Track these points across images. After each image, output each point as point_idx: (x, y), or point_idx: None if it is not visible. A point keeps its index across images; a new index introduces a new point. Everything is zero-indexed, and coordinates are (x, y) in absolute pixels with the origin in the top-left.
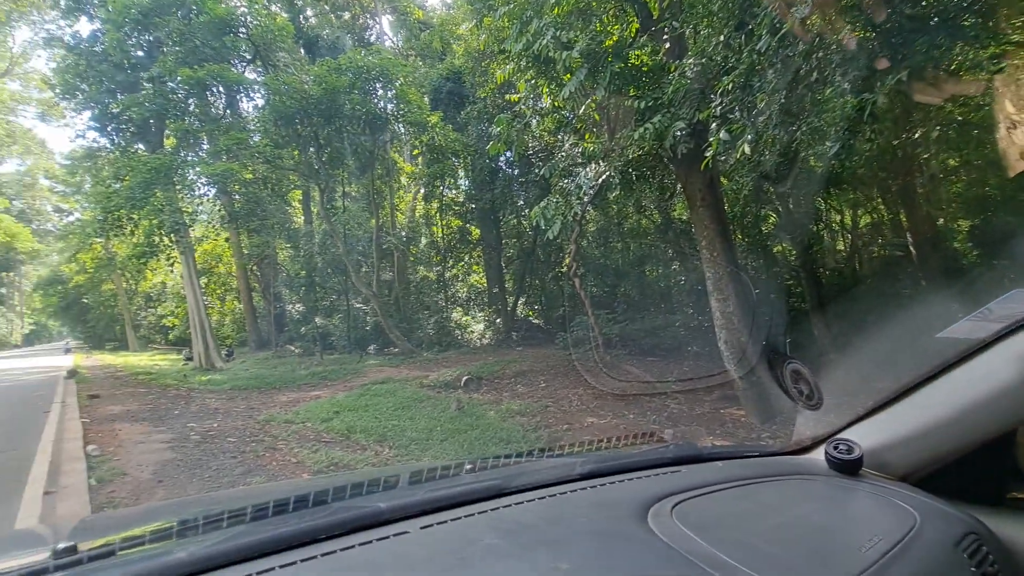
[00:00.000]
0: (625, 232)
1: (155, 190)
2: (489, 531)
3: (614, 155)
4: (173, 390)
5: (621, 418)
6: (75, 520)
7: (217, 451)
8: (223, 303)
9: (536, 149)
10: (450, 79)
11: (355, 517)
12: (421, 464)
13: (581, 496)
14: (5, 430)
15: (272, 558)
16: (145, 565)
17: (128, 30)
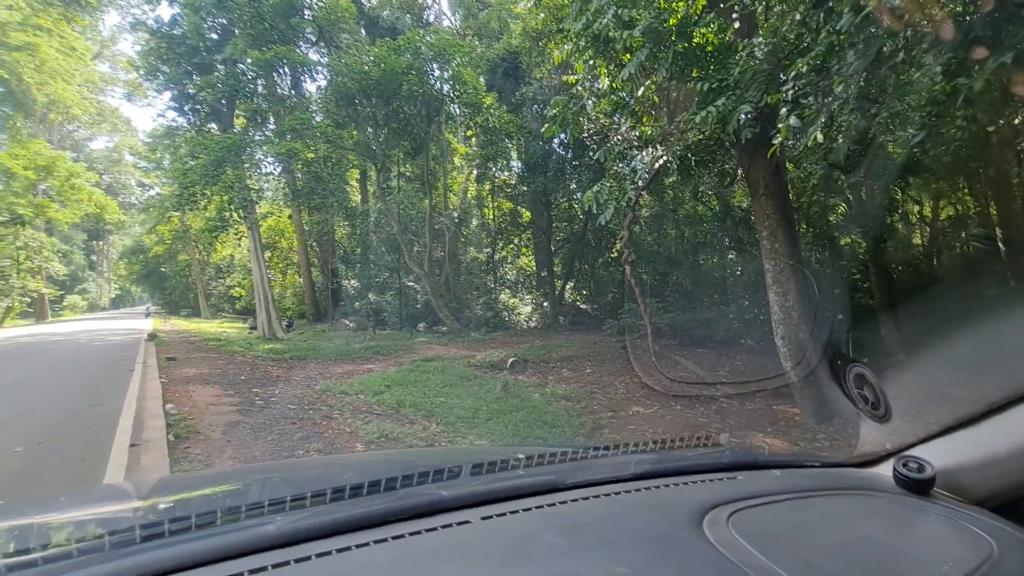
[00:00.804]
0: (680, 219)
1: (226, 168)
2: (547, 527)
3: (673, 139)
4: (239, 356)
5: (668, 409)
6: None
7: (279, 416)
8: (285, 276)
9: (591, 132)
10: (506, 59)
11: (421, 504)
12: (481, 454)
13: (636, 497)
14: (99, 386)
15: (348, 536)
16: (241, 535)
17: (204, 14)
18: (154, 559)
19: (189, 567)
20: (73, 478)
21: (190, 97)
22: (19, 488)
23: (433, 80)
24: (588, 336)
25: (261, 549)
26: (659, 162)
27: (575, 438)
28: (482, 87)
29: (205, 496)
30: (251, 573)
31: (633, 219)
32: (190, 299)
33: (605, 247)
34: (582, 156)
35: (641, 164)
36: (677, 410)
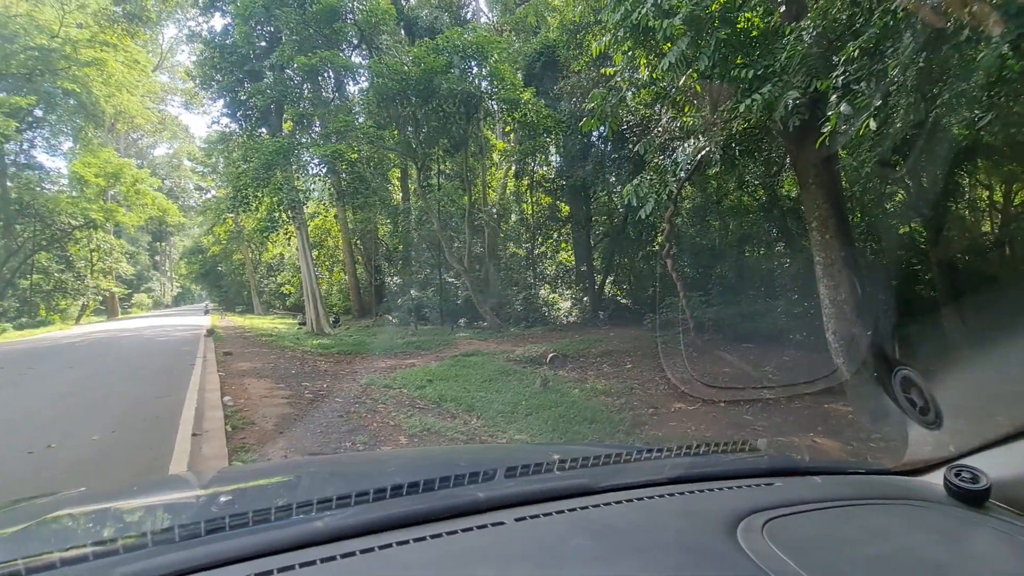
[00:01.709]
0: (724, 211)
1: (275, 170)
2: (579, 531)
3: (716, 129)
4: (289, 351)
5: (711, 406)
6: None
7: (327, 409)
8: (331, 274)
9: (631, 124)
10: (543, 53)
11: (457, 504)
12: (517, 455)
13: (669, 502)
14: (165, 379)
15: (390, 534)
16: (292, 530)
17: (253, 23)
18: (217, 551)
19: (248, 558)
20: (142, 464)
21: (242, 103)
22: (96, 472)
23: (471, 77)
24: (628, 331)
25: (310, 544)
26: (702, 153)
27: (614, 435)
28: (520, 82)
29: (260, 490)
30: (301, 567)
31: (674, 212)
32: (244, 296)
33: (645, 240)
34: (621, 149)
35: (683, 155)
36: (720, 407)
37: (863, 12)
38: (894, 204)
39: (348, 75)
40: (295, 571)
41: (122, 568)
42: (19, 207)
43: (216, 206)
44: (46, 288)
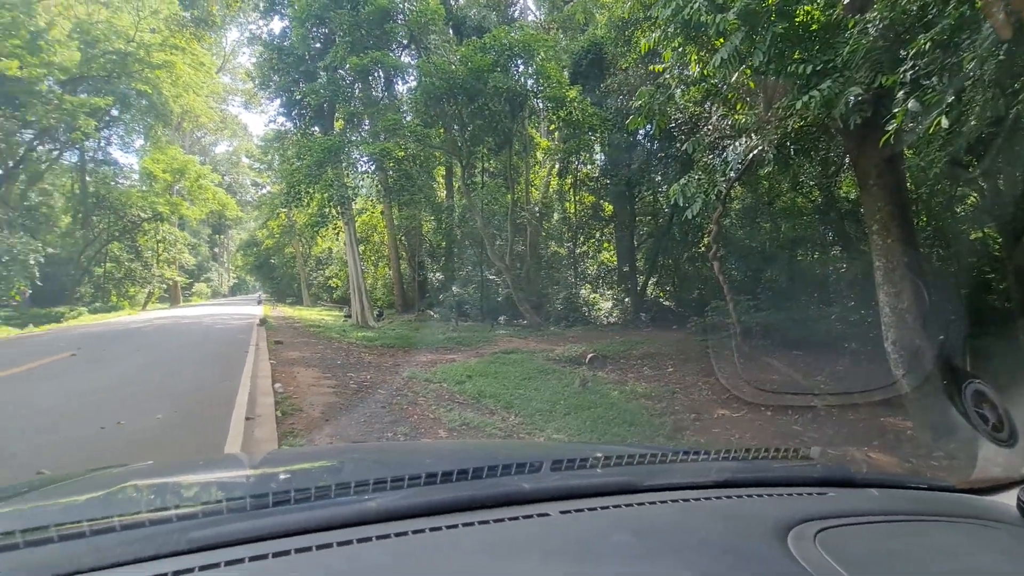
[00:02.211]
0: (776, 212)
1: (326, 167)
2: (621, 528)
3: (770, 127)
4: (336, 342)
5: (757, 413)
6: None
7: (370, 400)
8: (376, 268)
9: (679, 122)
10: (590, 51)
11: (504, 493)
12: (560, 451)
13: (714, 505)
14: (222, 364)
15: (440, 517)
16: (351, 508)
17: (309, 25)
18: (282, 522)
19: (310, 531)
20: (200, 444)
21: (296, 103)
22: (159, 448)
23: (517, 76)
24: (671, 334)
25: (365, 522)
26: (754, 152)
27: (655, 438)
28: (566, 80)
29: (316, 470)
30: (358, 542)
31: (723, 212)
32: (294, 288)
33: (691, 242)
34: (668, 148)
35: (734, 154)
36: (767, 416)
37: (936, 2)
38: (965, 207)
39: (397, 75)
40: (352, 545)
41: (200, 531)
42: (96, 200)
43: (271, 201)
44: (117, 276)
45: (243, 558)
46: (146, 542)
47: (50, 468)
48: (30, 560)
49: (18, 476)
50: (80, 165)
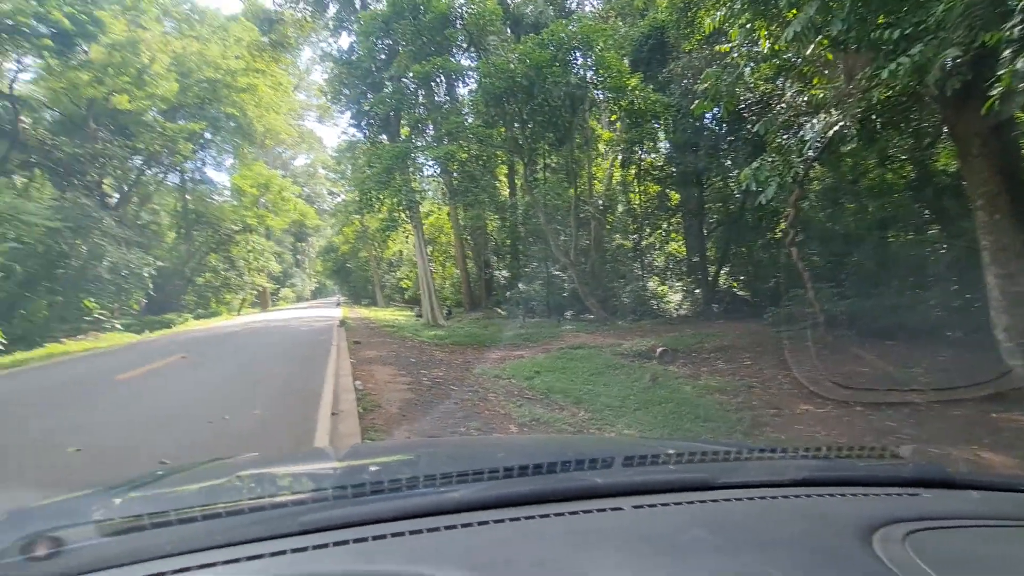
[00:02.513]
0: (861, 191)
1: (395, 173)
2: (698, 523)
3: (851, 100)
4: (409, 341)
5: (845, 409)
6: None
7: (443, 396)
8: (444, 268)
9: (748, 103)
10: (651, 36)
11: (577, 488)
12: (631, 447)
13: (794, 504)
14: (308, 363)
15: (517, 509)
16: (436, 498)
17: (374, 38)
18: (379, 508)
19: (403, 518)
20: (293, 437)
21: (365, 113)
22: (260, 440)
23: (576, 69)
24: (745, 325)
25: (448, 511)
26: (834, 128)
27: (731, 435)
28: (626, 69)
29: (401, 463)
30: (445, 529)
31: (800, 195)
32: (368, 290)
33: (766, 228)
34: (738, 130)
35: (811, 132)
36: (857, 411)
37: None
38: None
39: (458, 78)
40: (440, 532)
41: (310, 516)
42: (195, 216)
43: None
44: (215, 284)
45: (347, 540)
46: (267, 524)
47: (169, 458)
48: (177, 535)
49: (144, 464)
50: (181, 185)
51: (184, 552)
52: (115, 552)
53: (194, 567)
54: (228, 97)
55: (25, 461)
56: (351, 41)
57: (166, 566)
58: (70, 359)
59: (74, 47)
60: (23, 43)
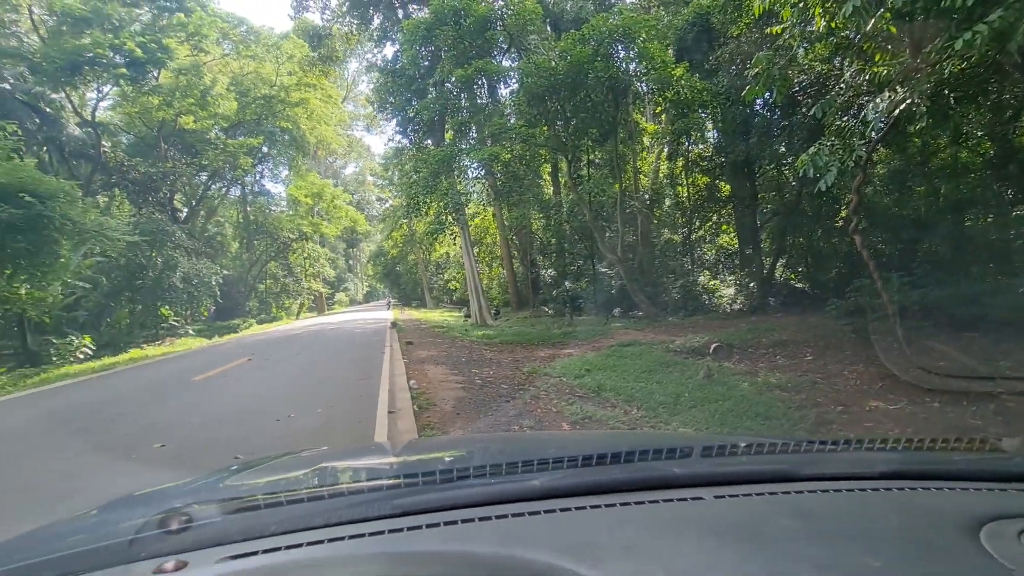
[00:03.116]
0: (932, 172)
1: (441, 177)
2: (784, 513)
3: (920, 75)
4: (459, 341)
5: (920, 406)
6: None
7: (495, 394)
8: (490, 269)
9: (803, 85)
10: (696, 23)
11: (656, 477)
12: (706, 440)
13: (886, 496)
14: (364, 364)
15: (598, 497)
16: (519, 485)
17: (417, 46)
18: (466, 494)
19: (486, 503)
20: (355, 433)
21: (410, 120)
22: (323, 438)
23: (618, 62)
24: (805, 318)
25: (532, 498)
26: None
27: (794, 432)
28: (670, 59)
29: (475, 453)
30: (530, 515)
31: (864, 179)
32: (417, 292)
33: (825, 216)
34: (792, 115)
35: (874, 112)
36: (934, 407)
37: None
38: None
39: (500, 79)
40: (524, 518)
41: (402, 499)
42: (256, 226)
43: (393, 214)
44: (275, 290)
45: (439, 523)
46: (365, 506)
47: (243, 453)
48: (287, 515)
49: (220, 458)
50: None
51: (294, 530)
52: (236, 528)
53: (304, 544)
54: (282, 112)
55: (118, 455)
56: (395, 50)
57: (280, 542)
58: (150, 363)
59: (146, 74)
60: (102, 73)
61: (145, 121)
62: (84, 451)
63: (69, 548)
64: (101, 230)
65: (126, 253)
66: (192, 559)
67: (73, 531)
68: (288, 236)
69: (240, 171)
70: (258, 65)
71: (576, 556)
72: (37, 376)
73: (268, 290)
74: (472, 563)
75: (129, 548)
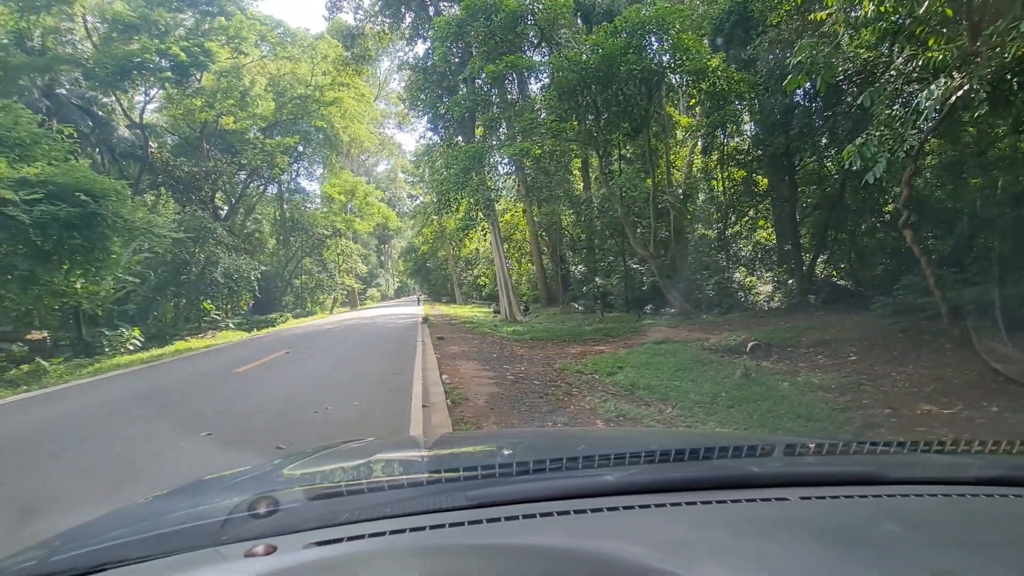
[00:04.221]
0: (990, 163)
1: (471, 174)
2: (886, 518)
3: (979, 60)
4: (489, 337)
5: (978, 410)
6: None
7: (527, 390)
8: (520, 265)
9: (848, 74)
10: (733, 11)
11: (734, 476)
12: (794, 439)
13: (995, 503)
14: (397, 358)
15: (675, 495)
16: (592, 480)
17: (448, 43)
18: (536, 487)
19: (559, 498)
20: (391, 426)
21: (441, 117)
22: (362, 430)
23: (651, 54)
24: (849, 317)
25: (606, 493)
26: (957, 94)
27: (838, 436)
28: (706, 50)
29: (529, 448)
30: (608, 510)
31: (915, 171)
32: (447, 288)
33: (871, 210)
34: (835, 105)
35: (927, 101)
36: (993, 412)
37: None
38: None
39: (530, 74)
40: (602, 513)
41: (477, 491)
42: (292, 223)
43: (424, 211)
44: (310, 286)
45: (517, 516)
46: (442, 496)
47: (284, 443)
48: (368, 503)
49: (264, 448)
50: (279, 195)
51: (374, 519)
52: (318, 514)
53: (387, 532)
54: (317, 111)
55: (167, 442)
56: (426, 48)
57: (362, 530)
58: (194, 355)
59: (189, 77)
60: (149, 77)
61: (188, 122)
62: (139, 439)
63: (158, 528)
64: (149, 227)
65: (172, 249)
66: (280, 543)
67: (153, 512)
68: (322, 232)
69: (277, 170)
70: (294, 66)
71: (668, 555)
72: (92, 366)
73: (303, 285)
74: (556, 557)
75: (221, 530)
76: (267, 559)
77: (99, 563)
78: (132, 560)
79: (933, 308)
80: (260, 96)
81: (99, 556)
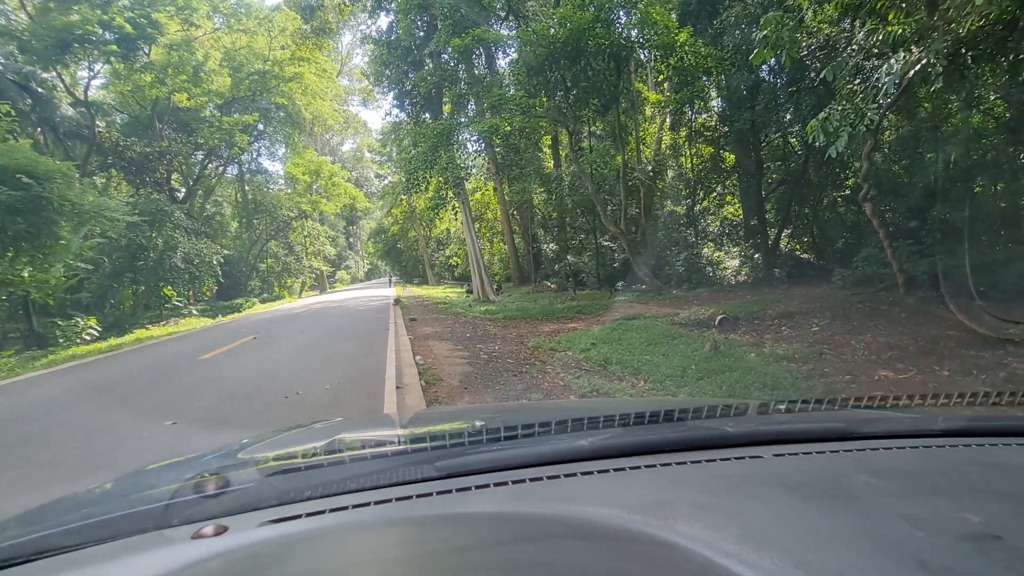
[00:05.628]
0: (944, 137)
1: (440, 151)
2: (858, 470)
3: (936, 35)
4: (462, 317)
5: (929, 374)
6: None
7: (501, 369)
8: (492, 244)
9: (812, 48)
10: None
11: (709, 436)
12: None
13: (960, 453)
14: (368, 341)
15: (652, 456)
16: (567, 445)
17: (412, 16)
18: (514, 454)
19: (534, 465)
20: (364, 408)
21: (407, 93)
22: (334, 413)
23: (620, 28)
24: (812, 289)
25: (581, 458)
26: (916, 67)
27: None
28: (674, 24)
29: (513, 417)
30: (582, 475)
31: (874, 146)
32: (419, 269)
33: (832, 185)
34: (800, 80)
35: (887, 75)
36: (943, 376)
37: None
38: None
39: (498, 49)
40: (577, 478)
41: (446, 461)
42: (255, 205)
43: (392, 190)
44: (276, 269)
45: (488, 484)
46: (411, 468)
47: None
48: (328, 477)
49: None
50: (240, 176)
51: (336, 493)
52: (275, 492)
53: (349, 507)
54: (277, 88)
55: (128, 433)
56: (390, 21)
57: (323, 505)
58: (156, 343)
59: (137, 50)
60: (92, 51)
61: (138, 100)
62: (98, 430)
63: (101, 514)
64: (100, 211)
65: (126, 234)
66: (232, 523)
67: (100, 499)
68: (287, 215)
69: (236, 149)
70: (250, 39)
71: (644, 515)
72: (45, 358)
73: (269, 269)
74: (529, 522)
75: (164, 512)
76: (216, 540)
77: (40, 550)
78: (73, 547)
79: (891, 279)
80: (215, 71)
81: (40, 543)
